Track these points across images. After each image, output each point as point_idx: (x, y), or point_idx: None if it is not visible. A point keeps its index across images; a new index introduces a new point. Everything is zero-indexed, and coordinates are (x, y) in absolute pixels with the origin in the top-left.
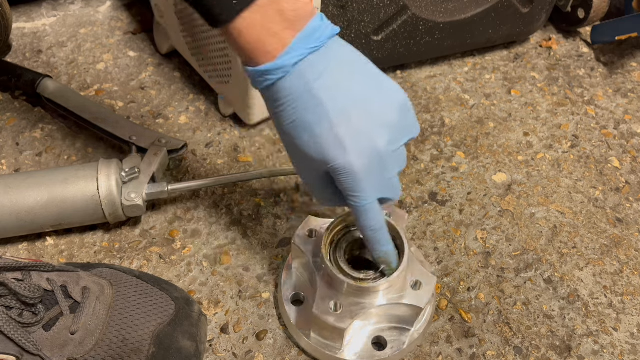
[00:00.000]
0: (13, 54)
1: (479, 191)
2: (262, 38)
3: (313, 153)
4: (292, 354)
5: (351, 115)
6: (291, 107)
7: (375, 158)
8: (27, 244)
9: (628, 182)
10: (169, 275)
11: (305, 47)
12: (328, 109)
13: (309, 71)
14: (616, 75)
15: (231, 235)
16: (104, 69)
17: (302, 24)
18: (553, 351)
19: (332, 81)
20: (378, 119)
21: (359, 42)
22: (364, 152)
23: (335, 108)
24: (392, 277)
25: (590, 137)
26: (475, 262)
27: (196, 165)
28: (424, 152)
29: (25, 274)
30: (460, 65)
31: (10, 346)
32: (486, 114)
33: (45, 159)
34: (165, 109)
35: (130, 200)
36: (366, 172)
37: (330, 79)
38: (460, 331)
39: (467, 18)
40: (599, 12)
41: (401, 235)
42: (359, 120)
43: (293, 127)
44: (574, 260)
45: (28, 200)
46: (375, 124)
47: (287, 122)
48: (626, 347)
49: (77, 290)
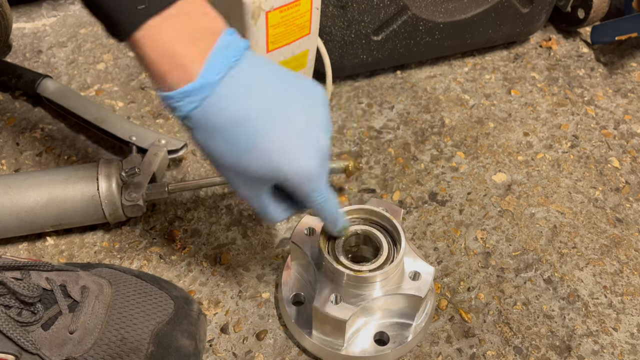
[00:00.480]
0: (13, 54)
1: (479, 191)
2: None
3: (260, 170)
4: (292, 354)
5: (290, 120)
6: (225, 129)
7: (321, 155)
8: (27, 244)
9: (628, 182)
10: (169, 275)
11: (224, 62)
12: (266, 121)
13: (235, 85)
14: (616, 75)
15: (231, 235)
16: (104, 69)
17: (215, 37)
18: (553, 351)
19: (259, 91)
20: (312, 118)
21: (359, 42)
22: (312, 152)
23: (273, 118)
24: (392, 264)
25: (590, 137)
26: (475, 262)
27: (196, 166)
28: (424, 152)
29: (25, 273)
30: (460, 66)
31: (9, 345)
32: (486, 114)
33: (45, 159)
34: (165, 109)
35: (130, 200)
36: (318, 170)
37: (258, 89)
38: (460, 331)
39: (467, 18)
40: (599, 12)
41: (397, 228)
42: (298, 123)
43: (231, 150)
44: (573, 260)
45: (28, 200)
46: (311, 123)
47: (223, 147)
48: (626, 347)
49: (76, 290)
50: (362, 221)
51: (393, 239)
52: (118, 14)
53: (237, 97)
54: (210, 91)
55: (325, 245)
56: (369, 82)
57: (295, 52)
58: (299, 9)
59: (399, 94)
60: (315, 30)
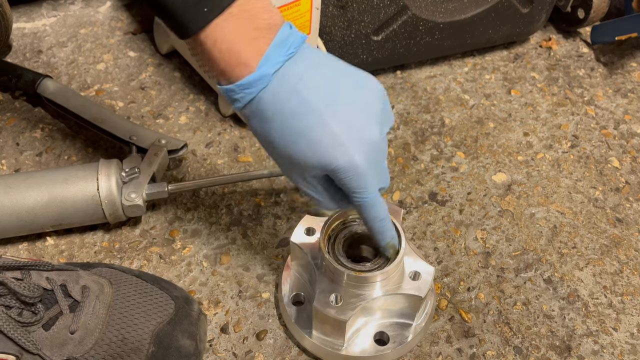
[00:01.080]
0: (13, 54)
1: (479, 191)
2: (237, 47)
3: (312, 159)
4: (292, 354)
5: (342, 112)
6: (279, 118)
7: (373, 150)
8: (27, 244)
9: (628, 182)
10: (169, 275)
11: (281, 55)
12: (319, 110)
13: (290, 77)
14: (616, 75)
15: (231, 235)
16: (104, 69)
17: (274, 32)
18: (553, 351)
19: (314, 83)
20: (366, 111)
21: (359, 42)
22: (363, 146)
23: (326, 108)
24: (392, 264)
25: (590, 137)
26: (475, 262)
27: (196, 165)
28: (424, 152)
29: (25, 273)
30: (460, 66)
31: (9, 345)
32: (486, 114)
33: (45, 159)
34: (166, 109)
35: (130, 200)
36: (367, 166)
37: (311, 81)
38: (460, 331)
39: (467, 18)
40: (598, 12)
41: (398, 228)
42: (351, 115)
43: (284, 137)
44: (573, 260)
45: (28, 200)
46: (365, 116)
47: (277, 135)
48: (626, 347)
49: (77, 289)
50: (363, 221)
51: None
52: (183, 15)
53: (290, 89)
54: (266, 83)
55: (325, 245)
56: None
57: None
58: (299, 9)
59: (399, 94)
60: (315, 30)
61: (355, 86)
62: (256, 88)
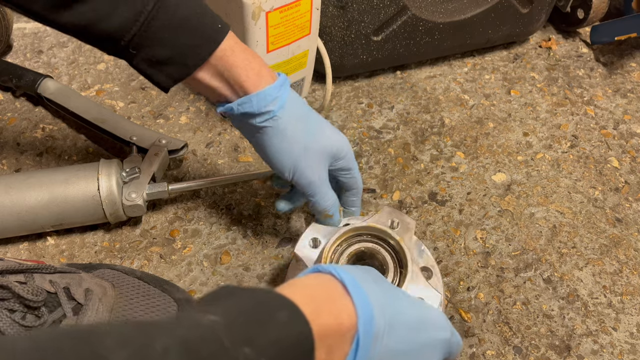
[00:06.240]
0: (14, 54)
1: (479, 191)
2: (252, 64)
3: (324, 145)
4: None
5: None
6: (303, 118)
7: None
8: (27, 244)
9: (627, 182)
10: (169, 275)
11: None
12: (319, 117)
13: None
14: (615, 75)
15: (231, 235)
16: (105, 69)
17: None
18: (552, 351)
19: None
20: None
21: (359, 42)
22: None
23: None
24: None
25: (590, 137)
26: (475, 262)
27: (196, 165)
28: (424, 152)
29: (28, 276)
30: (460, 66)
31: None
32: (486, 114)
33: (45, 159)
34: (166, 109)
35: (130, 200)
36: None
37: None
38: (460, 331)
39: (467, 18)
40: (598, 12)
41: (405, 254)
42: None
43: (306, 132)
44: (573, 260)
45: (29, 200)
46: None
47: (301, 131)
48: (625, 347)
49: (80, 292)
50: (370, 237)
51: (400, 261)
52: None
53: (296, 107)
54: (287, 93)
55: (329, 259)
56: (369, 82)
57: (295, 52)
58: (299, 10)
59: (398, 94)
60: (315, 31)
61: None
62: (284, 91)
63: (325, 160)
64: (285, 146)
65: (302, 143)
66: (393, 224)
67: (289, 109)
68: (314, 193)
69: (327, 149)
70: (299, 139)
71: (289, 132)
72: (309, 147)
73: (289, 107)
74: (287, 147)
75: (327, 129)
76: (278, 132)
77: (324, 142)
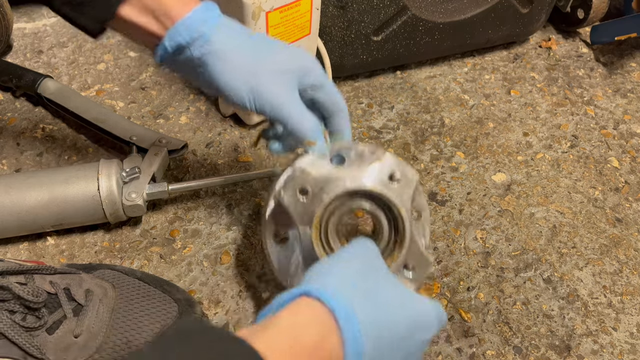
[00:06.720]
0: (14, 54)
1: (479, 191)
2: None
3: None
4: None
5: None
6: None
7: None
8: (27, 244)
9: (627, 182)
10: (169, 275)
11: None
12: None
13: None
14: (615, 75)
15: (231, 235)
16: (105, 69)
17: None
18: (552, 351)
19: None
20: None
21: (359, 42)
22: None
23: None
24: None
25: (590, 137)
26: (475, 262)
27: (196, 165)
28: (424, 152)
29: (29, 277)
30: (460, 66)
31: (14, 350)
32: (486, 114)
33: (46, 159)
34: (166, 109)
35: (130, 200)
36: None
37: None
38: (459, 331)
39: (467, 18)
40: (598, 12)
41: (405, 224)
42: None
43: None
44: (573, 260)
45: (29, 200)
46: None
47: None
48: (625, 347)
49: (80, 293)
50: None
51: (396, 228)
52: None
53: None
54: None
55: (318, 243)
56: (369, 82)
57: None
58: (299, 10)
59: (398, 94)
60: (315, 31)
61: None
62: (208, 24)
63: (289, 80)
64: (233, 72)
65: (252, 64)
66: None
67: (226, 31)
68: (285, 116)
69: (286, 65)
70: (248, 61)
71: (233, 55)
72: (263, 67)
73: (225, 30)
74: (236, 72)
75: (281, 46)
76: (219, 58)
77: (279, 59)
